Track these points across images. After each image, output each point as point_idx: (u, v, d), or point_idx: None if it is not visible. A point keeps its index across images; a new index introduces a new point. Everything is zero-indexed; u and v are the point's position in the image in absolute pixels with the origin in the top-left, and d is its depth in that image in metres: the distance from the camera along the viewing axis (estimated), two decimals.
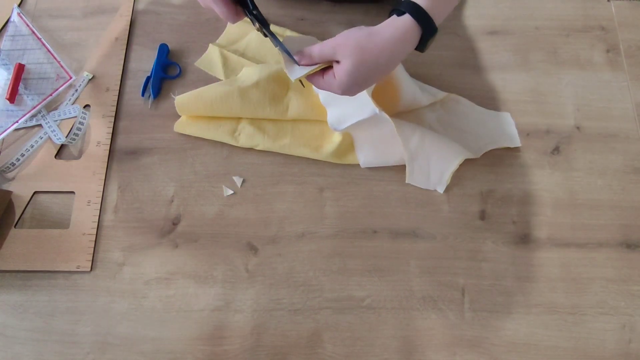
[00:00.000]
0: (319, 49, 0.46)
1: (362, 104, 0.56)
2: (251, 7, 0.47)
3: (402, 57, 0.47)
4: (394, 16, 0.46)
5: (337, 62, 0.46)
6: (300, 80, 0.49)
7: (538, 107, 0.64)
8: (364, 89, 0.49)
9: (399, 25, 0.45)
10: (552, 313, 0.54)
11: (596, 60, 0.67)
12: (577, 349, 0.53)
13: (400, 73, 0.59)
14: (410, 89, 0.60)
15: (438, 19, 0.46)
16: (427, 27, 0.45)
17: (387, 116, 0.56)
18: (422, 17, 0.45)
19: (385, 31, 0.45)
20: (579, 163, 0.61)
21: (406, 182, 0.59)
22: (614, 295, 0.55)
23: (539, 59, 0.67)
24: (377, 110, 0.55)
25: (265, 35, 0.49)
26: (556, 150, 0.62)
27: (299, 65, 0.48)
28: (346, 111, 0.58)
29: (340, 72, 0.45)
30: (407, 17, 0.45)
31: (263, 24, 0.48)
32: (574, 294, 0.55)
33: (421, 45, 0.47)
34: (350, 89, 0.46)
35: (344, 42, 0.45)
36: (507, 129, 0.62)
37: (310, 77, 0.49)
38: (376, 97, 0.57)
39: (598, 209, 0.59)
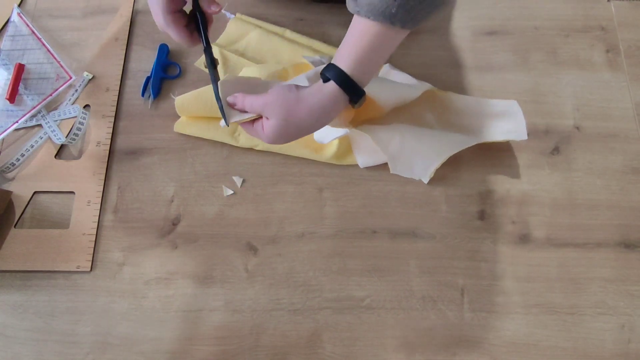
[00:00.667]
0: (250, 102, 0.47)
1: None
2: (204, 45, 0.49)
3: (331, 118, 0.47)
4: (320, 82, 0.46)
5: (264, 117, 0.47)
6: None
7: (537, 107, 0.64)
8: (290, 142, 0.50)
9: (325, 92, 0.45)
10: (551, 313, 0.54)
11: (596, 60, 0.67)
12: (577, 349, 0.53)
13: (374, 87, 0.56)
14: (391, 92, 0.59)
15: (364, 81, 0.46)
16: (352, 92, 0.45)
17: (360, 132, 0.56)
18: (346, 83, 0.45)
19: (313, 97, 0.45)
20: (578, 163, 0.61)
21: (390, 172, 0.58)
22: (613, 295, 0.55)
23: (539, 59, 0.67)
24: (347, 130, 0.56)
25: (207, 67, 0.50)
26: (555, 150, 0.62)
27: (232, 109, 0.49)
28: (324, 130, 0.57)
29: (266, 126, 0.47)
30: (332, 84, 0.45)
31: (209, 64, 0.49)
32: (572, 294, 0.55)
33: (352, 105, 0.47)
34: (275, 142, 0.48)
35: (273, 102, 0.46)
36: (513, 119, 0.61)
37: (242, 124, 0.50)
38: (357, 110, 0.55)
39: (597, 209, 0.59)
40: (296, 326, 0.54)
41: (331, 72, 0.45)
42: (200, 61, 0.66)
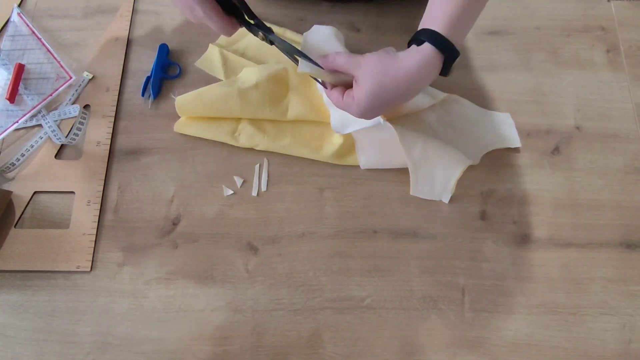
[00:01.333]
0: (345, 58, 0.46)
1: None
2: (248, 18, 0.46)
3: (424, 85, 0.46)
4: (414, 46, 0.45)
5: (356, 82, 0.45)
6: (316, 79, 0.48)
7: (538, 107, 0.64)
8: (380, 114, 0.48)
9: (422, 54, 0.44)
10: (553, 313, 0.54)
11: (596, 60, 0.67)
12: (578, 349, 0.53)
13: None
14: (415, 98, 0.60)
15: (459, 42, 0.45)
16: (448, 53, 0.44)
17: (390, 126, 0.55)
18: (442, 44, 0.44)
19: (409, 60, 0.44)
20: (579, 163, 0.61)
21: (410, 194, 0.58)
22: (615, 296, 0.55)
23: (540, 59, 0.67)
24: (381, 120, 0.55)
25: (272, 43, 0.48)
26: (556, 150, 0.62)
27: (321, 67, 0.47)
28: (350, 116, 0.58)
29: (359, 93, 0.45)
30: (427, 46, 0.44)
31: (266, 32, 0.47)
32: (574, 294, 0.55)
33: (444, 70, 0.46)
34: (367, 112, 0.46)
35: (370, 61, 0.44)
36: (507, 129, 0.62)
37: (330, 94, 0.49)
38: None
39: (598, 209, 0.59)
40: (297, 326, 0.54)
41: (425, 34, 0.44)
42: (201, 61, 0.66)
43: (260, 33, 0.47)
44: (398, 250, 0.57)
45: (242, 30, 0.67)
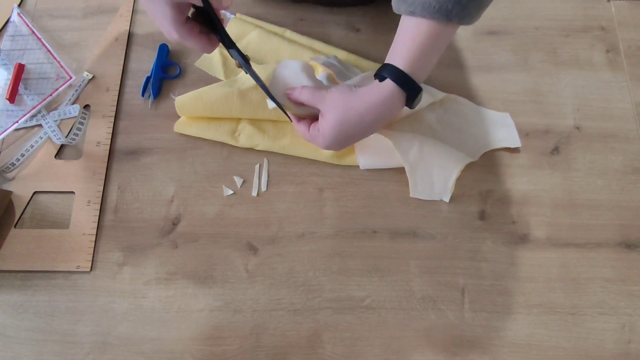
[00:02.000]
0: (311, 92, 0.48)
1: None
2: (228, 44, 0.47)
3: (387, 118, 0.48)
4: (376, 81, 0.47)
5: (322, 115, 0.47)
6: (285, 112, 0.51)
7: (537, 107, 0.64)
8: (345, 147, 0.51)
9: (383, 90, 0.46)
10: (552, 313, 0.54)
11: (596, 60, 0.67)
12: (577, 349, 0.53)
13: None
14: None
15: (421, 78, 0.46)
16: (410, 89, 0.46)
17: (381, 136, 0.56)
18: (403, 81, 0.45)
19: (371, 95, 0.46)
20: (578, 163, 0.61)
21: (410, 196, 0.59)
22: (614, 296, 0.55)
23: (539, 59, 0.67)
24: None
25: (246, 72, 0.49)
26: (555, 150, 0.62)
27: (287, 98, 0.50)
28: None
29: (324, 126, 0.47)
30: (389, 82, 0.45)
31: (243, 62, 0.47)
32: (573, 294, 0.55)
33: (409, 103, 0.47)
34: (332, 144, 0.48)
35: (333, 96, 0.47)
36: (506, 129, 0.62)
37: (297, 127, 0.51)
38: None
39: (597, 209, 0.59)
40: (296, 326, 0.54)
41: (387, 71, 0.45)
42: (201, 61, 0.66)
43: (235, 61, 0.48)
44: (398, 250, 0.57)
45: (242, 30, 0.67)
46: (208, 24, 0.46)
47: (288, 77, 0.54)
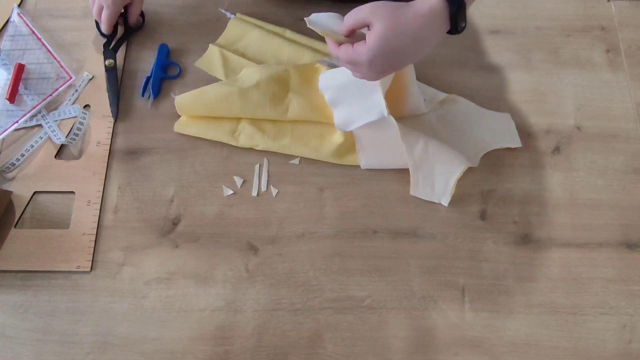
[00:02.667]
0: (357, 11, 0.47)
1: (371, 106, 0.56)
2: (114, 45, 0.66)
3: (432, 37, 0.47)
4: None
5: (370, 28, 0.46)
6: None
7: (538, 106, 0.64)
8: (388, 70, 0.48)
9: (428, 2, 0.45)
10: (553, 313, 0.54)
11: (596, 60, 0.67)
12: (578, 349, 0.53)
13: (409, 77, 0.58)
14: (416, 96, 0.60)
15: None
16: (453, 2, 0.45)
17: (394, 120, 0.55)
18: None
19: (419, 4, 0.45)
20: (579, 163, 0.61)
21: (410, 193, 0.58)
22: (615, 295, 0.55)
23: (540, 59, 0.67)
24: (385, 112, 0.55)
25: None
26: (556, 150, 0.62)
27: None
28: (353, 112, 0.57)
29: (372, 37, 0.45)
30: None
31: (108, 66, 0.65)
32: (574, 294, 0.55)
33: (452, 25, 0.46)
34: (377, 57, 0.46)
35: (383, 7, 0.45)
36: (507, 129, 0.62)
37: (339, 50, 0.49)
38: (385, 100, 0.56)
39: (598, 209, 0.59)
40: (297, 326, 0.54)
41: None
42: (201, 61, 0.66)
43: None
44: (398, 250, 0.57)
45: (242, 30, 0.67)
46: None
47: (324, 26, 0.51)
